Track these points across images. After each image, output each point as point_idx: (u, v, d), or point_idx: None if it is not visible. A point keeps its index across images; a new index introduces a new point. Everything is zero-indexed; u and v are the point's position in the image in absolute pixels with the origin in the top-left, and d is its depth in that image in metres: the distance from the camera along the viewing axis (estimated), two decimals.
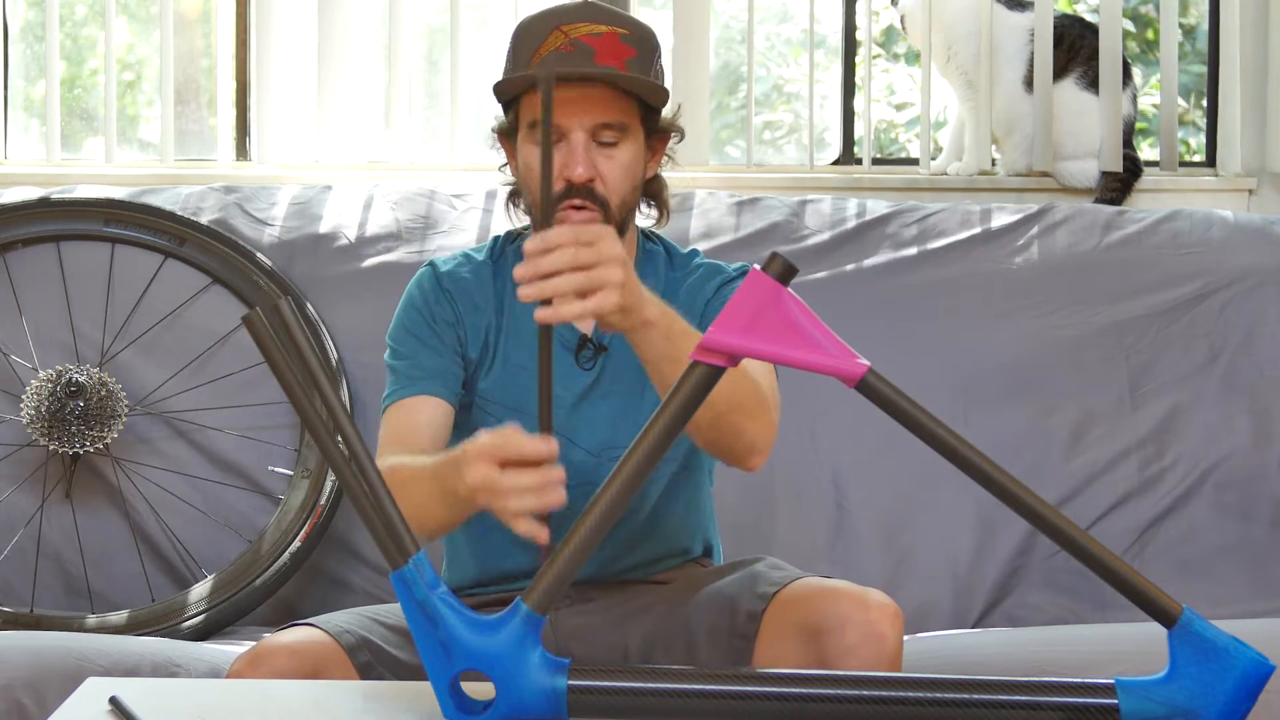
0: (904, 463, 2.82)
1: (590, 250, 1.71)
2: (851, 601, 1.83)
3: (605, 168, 2.01)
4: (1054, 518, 1.30)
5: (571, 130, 2.00)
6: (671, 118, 2.11)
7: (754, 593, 1.94)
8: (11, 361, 2.85)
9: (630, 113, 2.03)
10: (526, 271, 1.70)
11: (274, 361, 1.33)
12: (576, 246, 1.70)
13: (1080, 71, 3.39)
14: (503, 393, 2.10)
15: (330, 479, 2.76)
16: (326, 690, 1.60)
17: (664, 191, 2.17)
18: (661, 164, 2.14)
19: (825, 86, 3.95)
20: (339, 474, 1.35)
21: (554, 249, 1.70)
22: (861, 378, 1.29)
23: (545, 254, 1.70)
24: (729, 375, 1.83)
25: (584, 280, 1.70)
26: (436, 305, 2.12)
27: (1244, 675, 1.28)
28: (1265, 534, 2.86)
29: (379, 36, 3.43)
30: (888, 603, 1.84)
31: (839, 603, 1.83)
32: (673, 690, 1.32)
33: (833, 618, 1.82)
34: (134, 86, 4.06)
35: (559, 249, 1.70)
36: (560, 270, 1.70)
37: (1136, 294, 2.98)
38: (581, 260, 1.70)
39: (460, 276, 2.14)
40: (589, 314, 1.72)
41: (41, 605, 2.78)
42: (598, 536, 1.33)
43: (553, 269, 1.70)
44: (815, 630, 1.83)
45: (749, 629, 1.91)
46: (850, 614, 1.81)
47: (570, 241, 1.70)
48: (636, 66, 2.02)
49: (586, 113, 1.99)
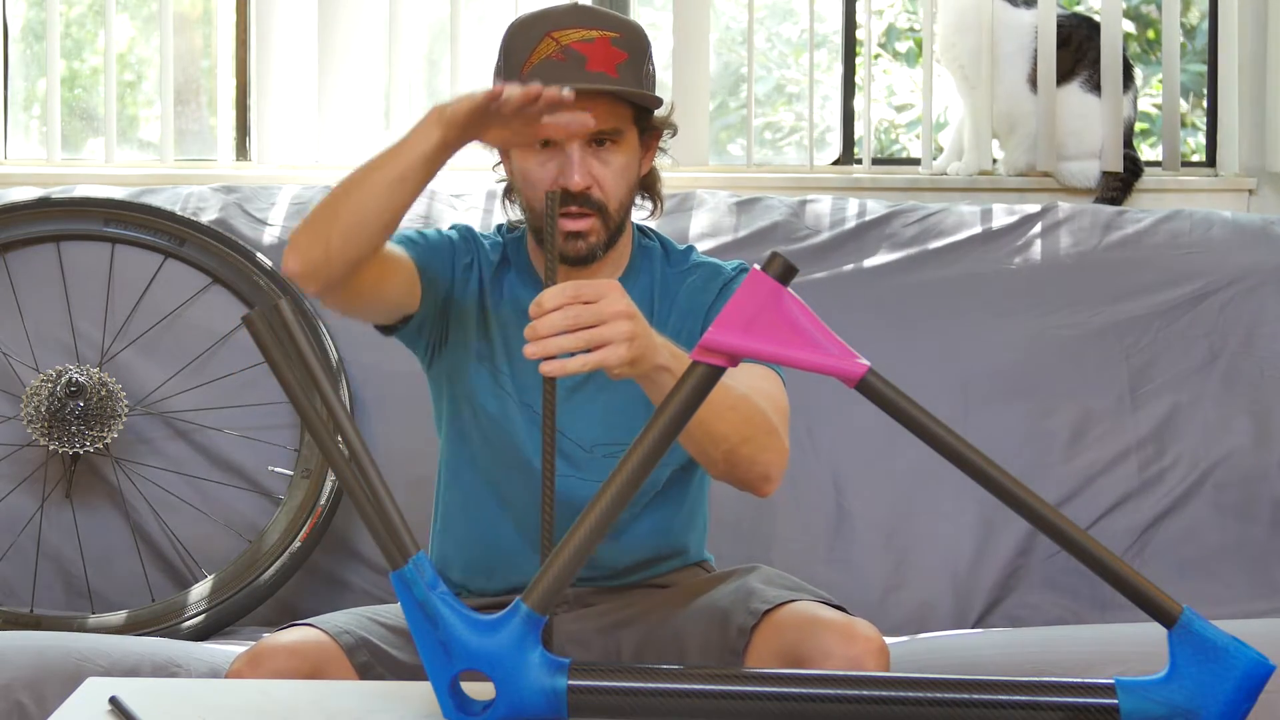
0: (904, 463, 2.82)
1: (591, 310, 1.68)
2: (836, 635, 1.82)
3: (601, 173, 2.01)
4: (1054, 518, 1.30)
5: (568, 139, 2.00)
6: (665, 116, 2.11)
7: (746, 608, 1.93)
8: (11, 361, 2.85)
9: (624, 118, 2.03)
10: (528, 332, 1.67)
11: (274, 361, 1.33)
12: (577, 306, 1.68)
13: (1086, 75, 3.39)
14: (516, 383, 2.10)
15: (330, 479, 2.76)
16: (326, 690, 1.60)
17: (657, 183, 2.17)
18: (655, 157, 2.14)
19: (826, 87, 3.95)
20: (339, 474, 1.35)
21: (551, 310, 1.67)
22: (861, 378, 1.29)
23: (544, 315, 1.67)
24: (740, 410, 1.84)
25: (587, 339, 1.68)
26: (458, 246, 2.13)
27: (1244, 675, 1.28)
28: (1265, 534, 2.86)
29: (379, 36, 3.43)
30: (873, 636, 1.83)
31: (824, 635, 1.83)
32: (672, 690, 1.32)
33: (817, 650, 1.82)
34: (134, 86, 4.06)
35: (559, 309, 1.67)
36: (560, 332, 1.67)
37: (1136, 294, 2.98)
38: (583, 321, 1.67)
39: (485, 246, 2.16)
40: (596, 368, 1.69)
41: (41, 605, 2.78)
42: (598, 536, 1.34)
43: (551, 332, 1.66)
44: (799, 660, 1.83)
45: (739, 644, 1.91)
46: (834, 648, 1.81)
47: (570, 300, 1.67)
48: (628, 70, 2.02)
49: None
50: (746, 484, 1.92)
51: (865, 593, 2.77)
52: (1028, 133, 3.39)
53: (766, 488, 1.92)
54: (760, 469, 1.89)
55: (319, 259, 1.91)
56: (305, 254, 1.92)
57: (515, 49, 2.04)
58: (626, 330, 1.70)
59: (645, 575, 2.13)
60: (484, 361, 2.11)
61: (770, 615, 1.91)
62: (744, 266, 2.15)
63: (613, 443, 2.09)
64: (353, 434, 1.35)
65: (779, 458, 1.91)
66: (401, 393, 2.79)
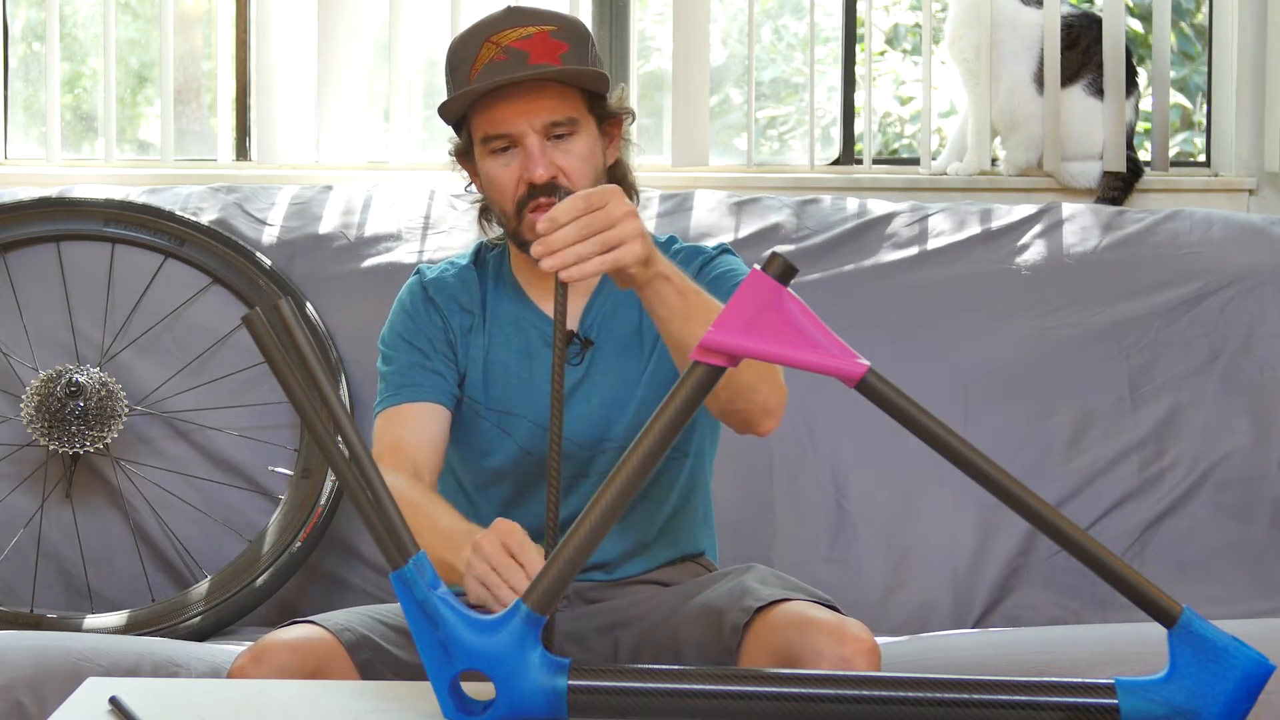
0: (904, 463, 2.81)
1: (602, 215, 1.73)
2: (828, 635, 1.82)
3: (565, 162, 2.03)
4: (1054, 518, 1.30)
5: (524, 135, 2.02)
6: (618, 101, 2.12)
7: (740, 606, 1.93)
8: (11, 361, 2.85)
9: (577, 105, 2.05)
10: (541, 249, 1.72)
11: (274, 361, 1.33)
12: (588, 214, 1.72)
13: (1090, 78, 3.39)
14: (487, 395, 2.12)
15: (330, 479, 2.76)
16: (326, 690, 1.60)
17: (629, 175, 2.18)
18: (621, 148, 2.15)
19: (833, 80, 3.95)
20: (339, 474, 1.35)
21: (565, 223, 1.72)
22: (861, 378, 1.29)
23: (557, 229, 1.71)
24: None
25: (603, 240, 1.72)
26: (425, 314, 2.15)
27: (1244, 675, 1.28)
28: (1265, 534, 2.86)
29: (379, 36, 3.43)
30: (864, 636, 1.83)
31: (816, 635, 1.83)
32: (673, 690, 1.32)
33: (808, 650, 1.81)
34: (134, 87, 4.06)
35: (571, 222, 1.72)
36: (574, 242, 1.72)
37: (1136, 294, 2.98)
38: (595, 226, 1.72)
39: (446, 281, 2.17)
40: (614, 266, 1.74)
41: (41, 605, 2.78)
42: (598, 536, 1.33)
43: (566, 243, 1.71)
44: (791, 659, 1.83)
45: (732, 642, 1.91)
46: (825, 648, 1.81)
47: (581, 210, 1.72)
48: (571, 59, 2.04)
49: (534, 114, 2.02)
50: (747, 419, 1.92)
51: (865, 593, 2.77)
52: (1030, 131, 3.39)
53: (767, 422, 1.92)
54: (761, 400, 1.90)
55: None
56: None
57: (459, 61, 2.07)
58: (637, 227, 1.75)
59: (642, 569, 2.14)
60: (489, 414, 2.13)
61: (763, 614, 1.91)
62: (724, 247, 2.16)
63: (610, 439, 2.09)
64: (353, 434, 1.35)
65: (778, 391, 1.92)
66: None
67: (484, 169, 2.07)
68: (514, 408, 2.11)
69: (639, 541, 2.13)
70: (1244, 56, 3.45)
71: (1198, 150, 4.15)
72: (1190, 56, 5.04)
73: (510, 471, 2.12)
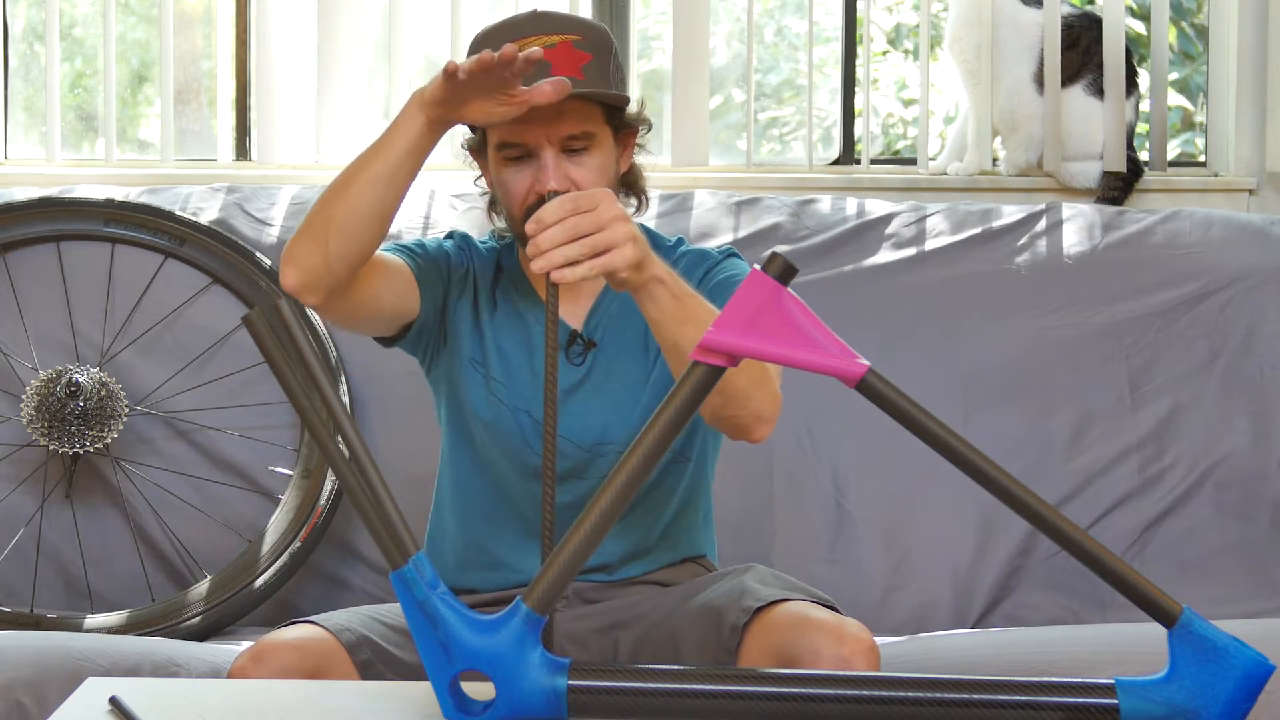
0: (904, 463, 2.82)
1: (590, 218, 1.73)
2: (826, 635, 1.82)
3: (578, 175, 2.02)
4: (1054, 518, 1.30)
5: (541, 147, 2.01)
6: (637, 112, 2.12)
7: (739, 606, 1.93)
8: (11, 361, 2.85)
9: (595, 119, 2.04)
10: (531, 249, 1.73)
11: (274, 361, 1.33)
12: (575, 216, 1.72)
13: (1090, 79, 3.39)
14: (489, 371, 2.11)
15: (330, 479, 2.76)
16: (326, 690, 1.60)
17: (640, 180, 2.18)
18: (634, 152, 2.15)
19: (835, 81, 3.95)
20: (339, 474, 1.35)
21: (551, 224, 1.72)
22: (861, 378, 1.29)
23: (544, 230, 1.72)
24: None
25: (591, 244, 1.72)
26: (456, 255, 2.16)
27: (1244, 675, 1.28)
28: (1265, 534, 2.86)
29: (379, 36, 3.43)
30: (863, 636, 1.83)
31: (814, 635, 1.83)
32: (672, 690, 1.32)
33: (807, 650, 1.81)
34: (134, 86, 4.06)
35: (558, 223, 1.72)
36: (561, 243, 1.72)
37: (1136, 294, 2.98)
38: (583, 229, 1.72)
39: (480, 251, 2.19)
40: (604, 270, 1.74)
41: (41, 605, 2.78)
42: (598, 537, 1.33)
43: (552, 244, 1.72)
44: (790, 659, 1.83)
45: (731, 642, 1.91)
46: (824, 648, 1.80)
47: (568, 213, 1.73)
48: (594, 70, 2.02)
49: (552, 127, 2.00)
50: (740, 424, 1.91)
51: (865, 593, 2.77)
52: (1030, 131, 3.39)
53: (760, 429, 1.91)
54: (754, 405, 1.89)
55: (318, 266, 1.91)
56: (303, 263, 1.92)
57: None
58: (628, 231, 1.75)
59: (643, 570, 2.14)
60: (477, 368, 2.12)
61: (762, 614, 1.91)
62: (731, 250, 2.16)
63: (611, 441, 2.09)
64: (353, 434, 1.35)
65: (771, 398, 1.91)
66: (401, 393, 2.79)
67: (497, 172, 2.07)
68: (514, 399, 2.11)
69: (640, 545, 2.13)
70: (1244, 56, 3.45)
71: (1198, 150, 4.15)
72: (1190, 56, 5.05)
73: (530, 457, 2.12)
